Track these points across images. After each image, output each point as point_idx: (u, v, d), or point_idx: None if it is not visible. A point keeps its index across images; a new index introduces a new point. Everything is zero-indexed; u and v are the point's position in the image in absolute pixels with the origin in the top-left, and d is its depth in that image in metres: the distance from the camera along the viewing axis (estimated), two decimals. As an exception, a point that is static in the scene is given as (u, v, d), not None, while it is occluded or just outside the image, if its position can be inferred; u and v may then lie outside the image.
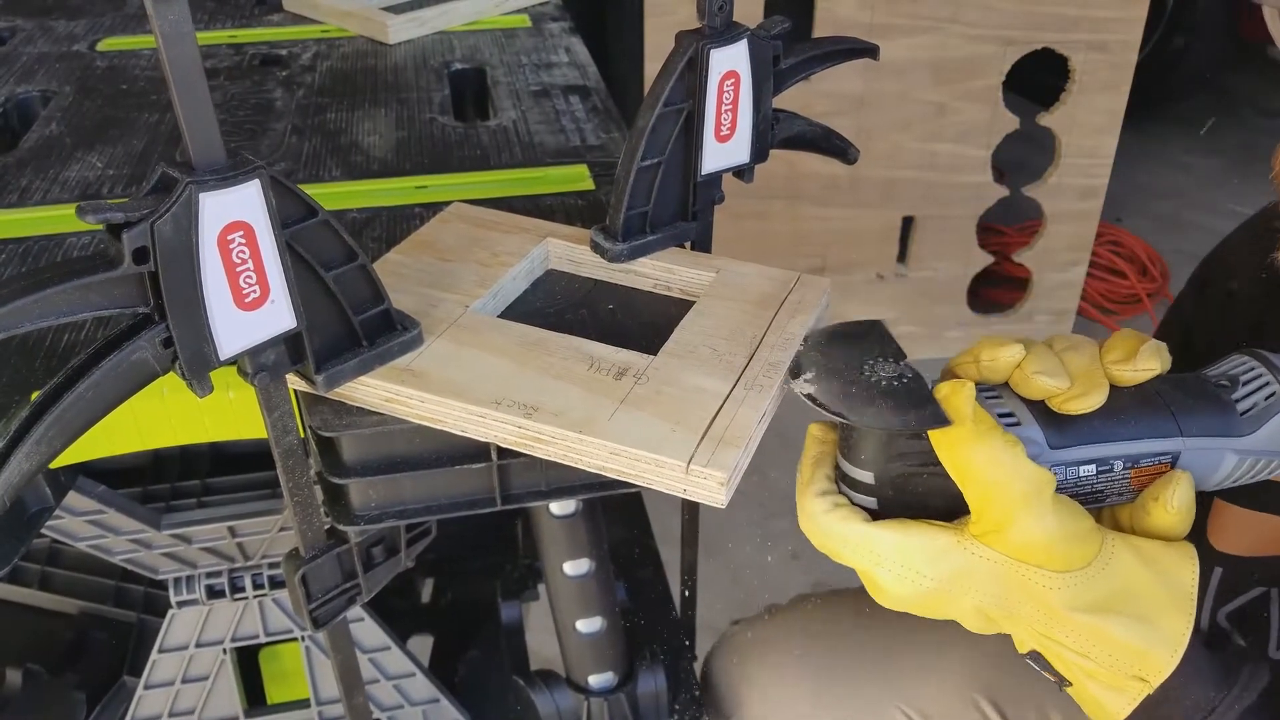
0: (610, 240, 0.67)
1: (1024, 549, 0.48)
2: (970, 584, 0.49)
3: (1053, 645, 0.50)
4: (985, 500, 0.48)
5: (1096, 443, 0.51)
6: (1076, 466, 0.51)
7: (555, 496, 0.64)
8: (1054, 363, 0.51)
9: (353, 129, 0.98)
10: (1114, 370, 0.51)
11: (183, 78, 0.42)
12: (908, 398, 0.49)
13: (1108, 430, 0.51)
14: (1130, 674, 0.49)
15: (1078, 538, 0.48)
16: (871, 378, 0.50)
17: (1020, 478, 0.47)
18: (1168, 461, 0.51)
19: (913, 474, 0.51)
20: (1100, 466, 0.51)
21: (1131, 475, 0.51)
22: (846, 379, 0.51)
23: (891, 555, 0.50)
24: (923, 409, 0.48)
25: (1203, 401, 0.52)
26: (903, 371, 0.50)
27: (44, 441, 0.44)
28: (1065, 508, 0.48)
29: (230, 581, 0.85)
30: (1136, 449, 0.51)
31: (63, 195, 0.85)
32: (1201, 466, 0.52)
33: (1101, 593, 0.48)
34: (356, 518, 0.61)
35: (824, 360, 0.53)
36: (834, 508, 0.52)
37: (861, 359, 0.51)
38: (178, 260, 0.45)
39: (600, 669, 0.92)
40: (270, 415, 0.54)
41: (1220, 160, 3.32)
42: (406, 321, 0.58)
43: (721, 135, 0.66)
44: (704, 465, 0.50)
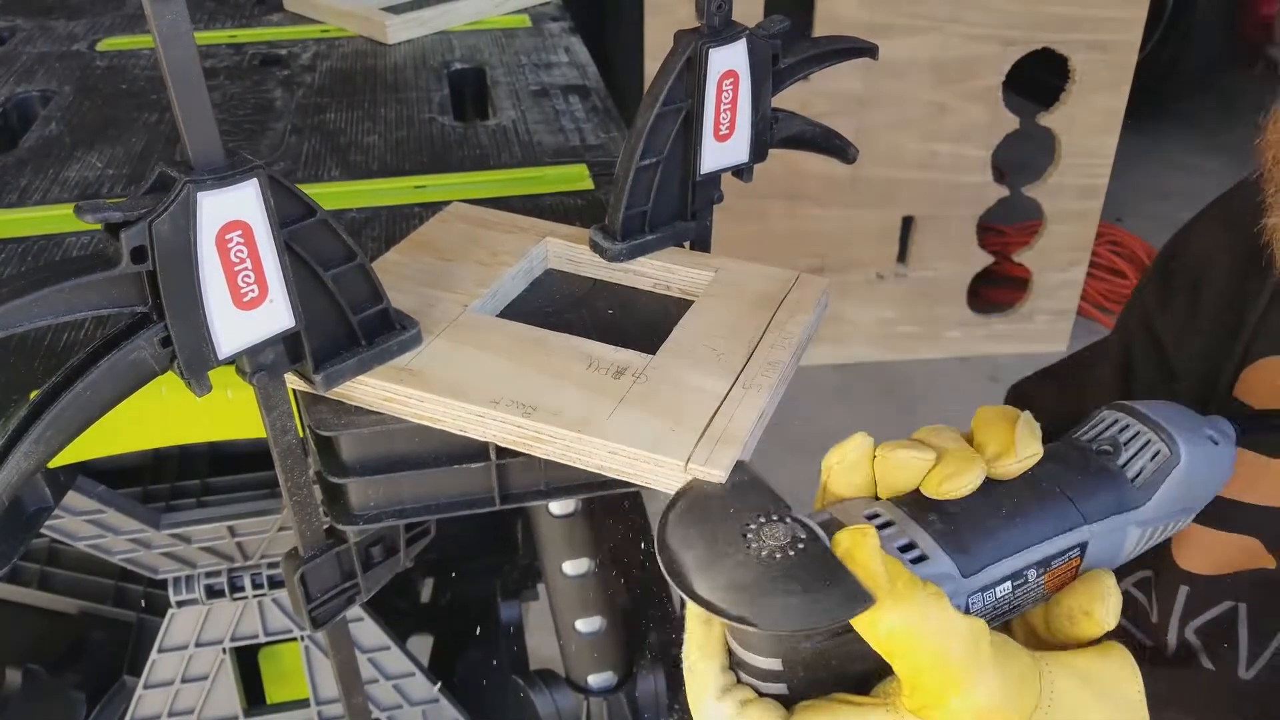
0: (609, 240, 0.67)
1: (972, 716, 0.42)
2: None
3: None
4: (920, 672, 0.41)
5: (1006, 556, 0.45)
6: (993, 589, 0.45)
7: (554, 496, 0.64)
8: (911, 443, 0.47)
9: (352, 129, 0.98)
10: (994, 468, 0.46)
11: (181, 78, 0.42)
12: (814, 573, 0.41)
13: (1013, 539, 0.45)
14: None
15: (1021, 683, 0.43)
16: (762, 551, 0.42)
17: (956, 638, 0.41)
18: (1077, 555, 0.47)
19: (825, 649, 0.43)
20: (1015, 581, 0.46)
21: (1045, 579, 0.47)
22: (734, 560, 0.42)
23: None
24: (840, 586, 0.40)
25: (1094, 479, 0.48)
26: (794, 533, 0.43)
27: (42, 441, 0.44)
28: (1001, 652, 0.43)
29: (230, 581, 0.85)
30: (1046, 551, 0.46)
31: (62, 195, 0.85)
32: (1108, 549, 0.48)
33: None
34: (355, 517, 0.61)
35: (699, 541, 0.43)
36: (741, 709, 0.44)
37: (741, 526, 0.43)
38: (176, 259, 0.45)
39: (600, 669, 0.92)
40: (269, 415, 0.54)
41: (1220, 160, 3.32)
42: (405, 321, 0.58)
43: (720, 134, 0.66)
44: (702, 464, 0.50)
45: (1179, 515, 0.50)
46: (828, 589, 0.40)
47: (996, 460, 0.46)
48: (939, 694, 0.41)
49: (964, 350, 2.47)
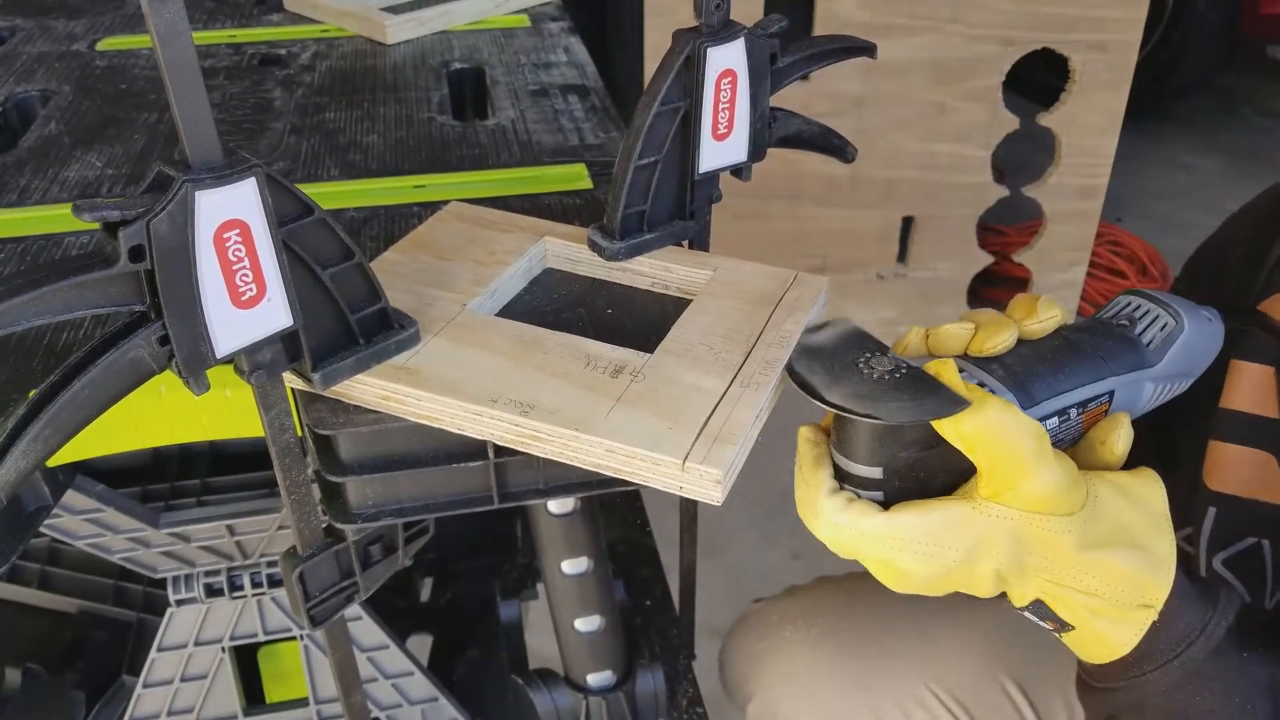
0: (608, 239, 0.67)
1: (1038, 500, 0.50)
2: (990, 548, 0.51)
3: (1060, 591, 0.53)
4: (997, 461, 0.50)
5: (1054, 396, 0.55)
6: (1044, 422, 0.54)
7: (552, 495, 0.64)
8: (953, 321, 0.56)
9: (351, 128, 0.98)
10: (1024, 328, 0.56)
11: (179, 77, 0.43)
12: (917, 387, 0.51)
13: (1059, 384, 0.55)
14: (1135, 603, 0.52)
15: (1075, 482, 0.51)
16: (874, 375, 0.52)
17: (1026, 433, 0.50)
18: (1106, 401, 0.57)
19: (917, 459, 0.52)
20: (1061, 418, 0.55)
21: (1083, 419, 0.56)
22: (853, 381, 0.52)
23: (915, 537, 0.51)
24: (939, 395, 0.50)
25: (1117, 343, 0.58)
26: (897, 363, 0.52)
27: (40, 439, 0.45)
28: (1061, 458, 0.52)
29: (229, 580, 0.85)
30: (1084, 394, 0.56)
31: (62, 195, 0.85)
32: (1129, 399, 0.58)
33: (1102, 530, 0.52)
34: (354, 516, 0.61)
35: (820, 369, 0.54)
36: (848, 505, 0.52)
37: (853, 359, 0.53)
38: (174, 258, 0.45)
39: (599, 668, 0.92)
40: (267, 414, 0.54)
41: (1220, 160, 3.32)
42: (403, 320, 0.58)
43: (719, 134, 0.66)
44: (700, 462, 0.50)
45: (1182, 378, 0.60)
46: (931, 395, 0.50)
47: (1025, 322, 0.56)
48: (1011, 480, 0.50)
49: (964, 350, 2.47)
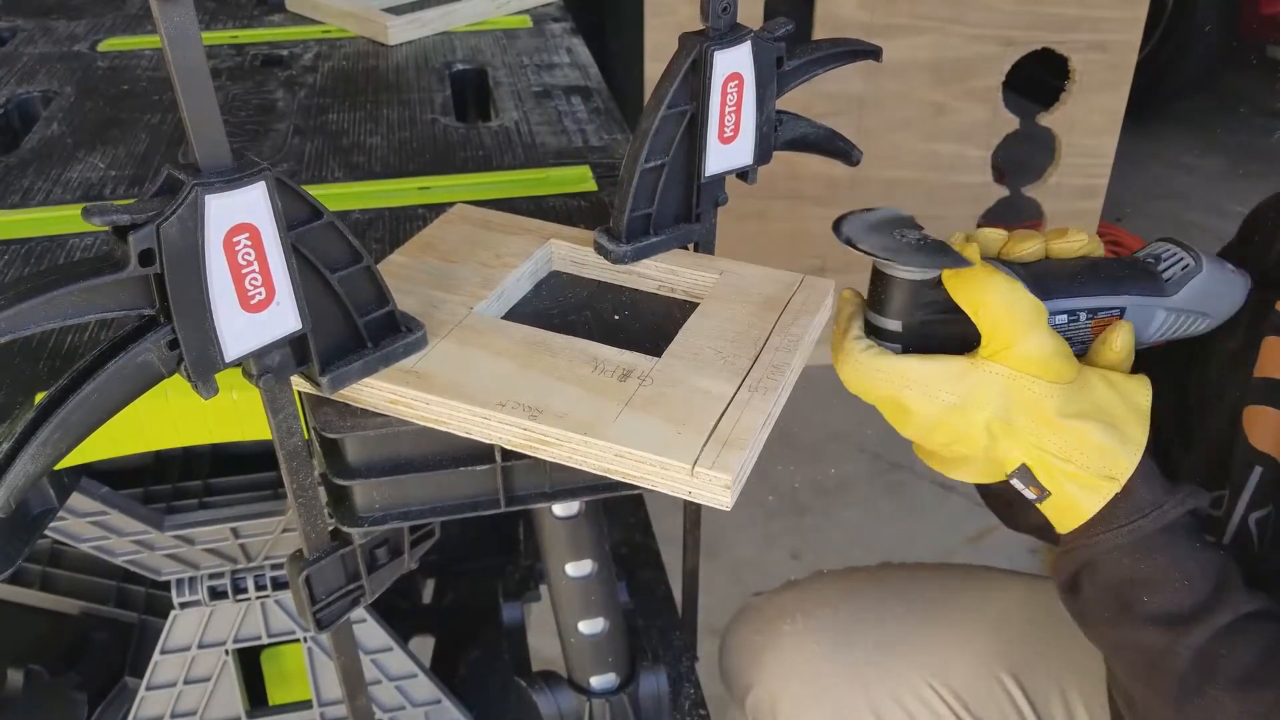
0: (614, 242, 0.67)
1: (1028, 361, 0.58)
2: (982, 399, 0.59)
3: (1041, 455, 0.60)
4: (996, 323, 0.58)
5: (1067, 297, 0.63)
6: (1053, 316, 0.62)
7: (559, 498, 0.64)
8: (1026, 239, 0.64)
9: (355, 130, 0.98)
10: (1052, 244, 0.64)
11: (188, 80, 0.42)
12: (935, 250, 0.59)
13: (1073, 289, 0.63)
14: (1103, 474, 0.59)
15: (1065, 356, 0.59)
16: (904, 240, 0.60)
17: (1023, 303, 0.58)
18: (1117, 314, 0.64)
19: (932, 320, 0.61)
20: (1070, 317, 0.63)
21: (1091, 325, 0.64)
22: (886, 239, 0.60)
23: (918, 378, 0.59)
24: (949, 256, 0.58)
25: (1137, 271, 0.65)
26: (925, 236, 0.60)
27: (49, 444, 0.44)
28: (1056, 333, 0.59)
29: (233, 582, 0.85)
30: (1095, 303, 0.64)
31: (65, 196, 0.85)
32: (1140, 320, 0.64)
33: (1083, 403, 0.59)
34: (360, 519, 0.61)
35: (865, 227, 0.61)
36: (869, 347, 0.61)
37: (892, 229, 0.61)
38: (183, 262, 0.45)
39: (602, 670, 0.92)
40: (275, 417, 0.54)
41: (1220, 160, 3.32)
42: (411, 323, 0.58)
43: (725, 137, 0.66)
44: (709, 467, 0.50)
45: (1198, 316, 0.66)
46: (943, 254, 0.59)
47: (1053, 240, 0.64)
48: (1008, 340, 0.58)
49: (964, 350, 2.47)
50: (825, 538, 1.94)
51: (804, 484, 2.05)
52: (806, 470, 2.06)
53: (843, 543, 1.92)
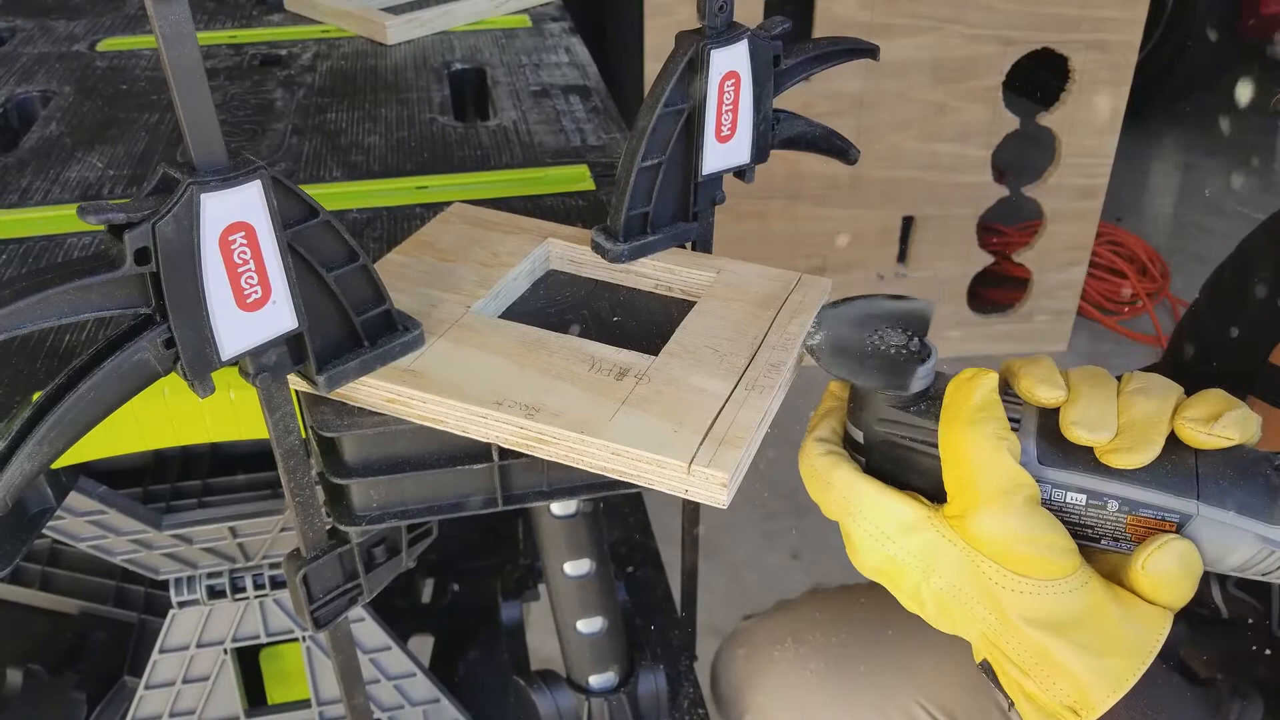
0: (611, 241, 0.67)
1: (984, 541, 0.48)
2: (933, 565, 0.49)
3: (1000, 657, 0.49)
4: (959, 482, 0.48)
5: (1093, 474, 0.48)
6: (1064, 491, 0.49)
7: (556, 497, 0.64)
8: (1096, 412, 0.48)
9: (353, 129, 0.98)
10: (1186, 427, 0.47)
11: (184, 79, 0.42)
12: (895, 366, 0.50)
13: (1110, 470, 0.48)
14: (1066, 704, 0.47)
15: (1046, 548, 0.47)
16: (879, 344, 0.52)
17: (997, 470, 0.47)
18: (1173, 520, 0.47)
19: (902, 445, 0.52)
20: (1093, 500, 0.48)
21: (1128, 521, 0.48)
22: (852, 338, 0.53)
23: (866, 510, 0.51)
24: (895, 373, 0.50)
25: (1242, 475, 0.47)
26: (910, 344, 0.51)
27: (46, 442, 0.44)
28: (1041, 517, 0.47)
29: (231, 582, 0.85)
30: (1137, 495, 0.48)
31: (63, 196, 0.85)
32: (1214, 542, 0.47)
33: (1058, 612, 0.47)
34: (358, 518, 0.61)
35: (841, 315, 0.55)
36: (828, 453, 0.54)
37: (879, 325, 0.53)
38: (179, 261, 0.45)
39: (601, 669, 0.92)
40: (272, 416, 0.54)
41: (1220, 160, 3.32)
42: (408, 322, 0.58)
43: (722, 136, 0.66)
44: (706, 466, 0.50)
45: None
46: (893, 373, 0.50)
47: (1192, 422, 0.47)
48: (966, 507, 0.48)
49: (964, 350, 2.47)
50: (825, 538, 1.93)
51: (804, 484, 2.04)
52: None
53: (842, 543, 1.92)
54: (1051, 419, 0.49)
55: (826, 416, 0.56)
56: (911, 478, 0.52)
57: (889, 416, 0.52)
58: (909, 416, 0.51)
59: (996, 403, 0.49)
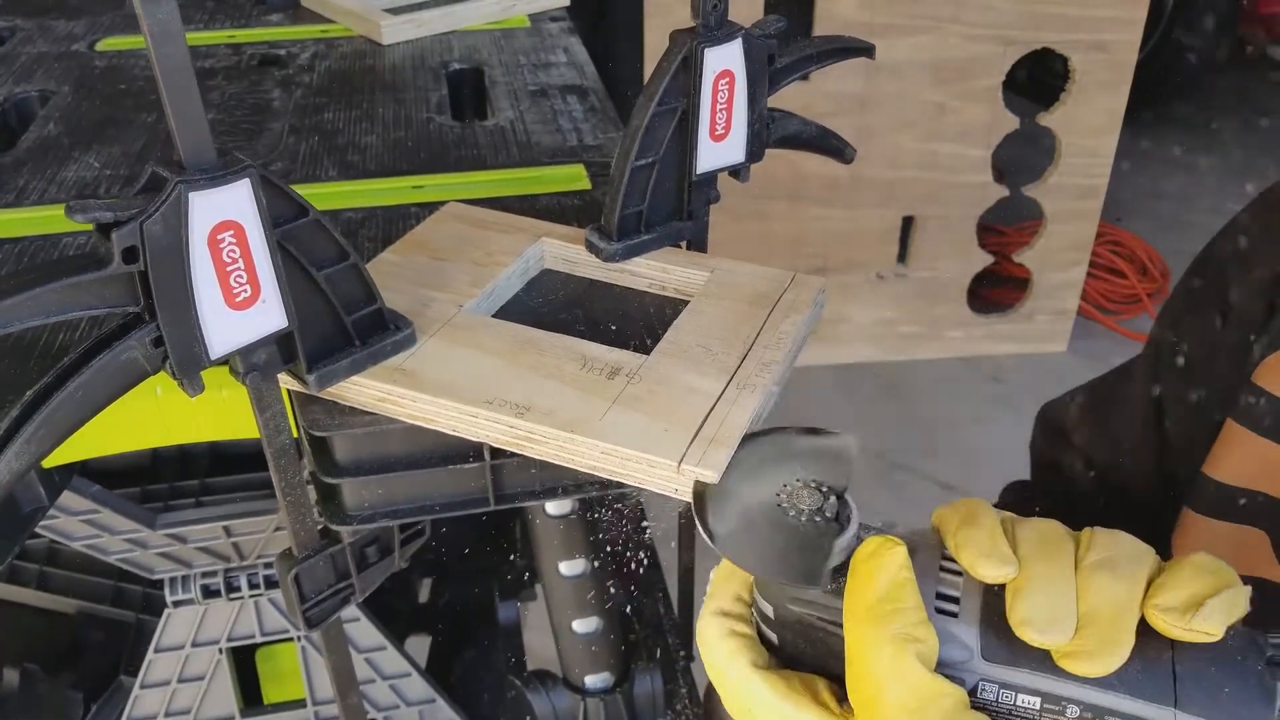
0: (605, 240, 0.67)
1: None
2: None
3: None
4: (857, 696, 0.40)
5: (1048, 674, 0.39)
6: (1015, 692, 0.40)
7: (548, 496, 0.64)
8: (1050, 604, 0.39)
9: (350, 129, 0.98)
10: (1160, 619, 0.38)
11: (172, 77, 0.42)
12: (802, 544, 0.42)
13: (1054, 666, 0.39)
14: None
15: None
16: (788, 509, 0.44)
17: (900, 686, 0.38)
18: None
19: (816, 627, 0.43)
20: (1049, 703, 0.40)
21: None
22: (756, 507, 0.45)
23: (761, 713, 0.43)
24: (803, 561, 0.41)
25: (1227, 675, 0.38)
26: (825, 508, 0.44)
27: (34, 441, 0.44)
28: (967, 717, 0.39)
29: (226, 581, 0.85)
30: (1103, 701, 0.39)
31: (60, 195, 0.85)
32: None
33: None
34: (349, 518, 0.61)
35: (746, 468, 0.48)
36: (728, 635, 0.45)
37: (790, 479, 0.46)
38: (167, 260, 0.45)
39: (596, 669, 0.92)
40: (262, 415, 0.54)
41: (1220, 160, 3.32)
42: (399, 321, 0.58)
43: (716, 134, 0.66)
44: (695, 465, 0.50)
45: None
46: (797, 556, 0.42)
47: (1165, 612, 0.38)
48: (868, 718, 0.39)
49: (964, 350, 2.47)
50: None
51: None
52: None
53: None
54: (998, 600, 0.40)
55: (729, 579, 0.46)
56: (830, 663, 0.42)
57: (801, 595, 0.43)
58: (824, 596, 0.42)
59: (904, 586, 0.40)
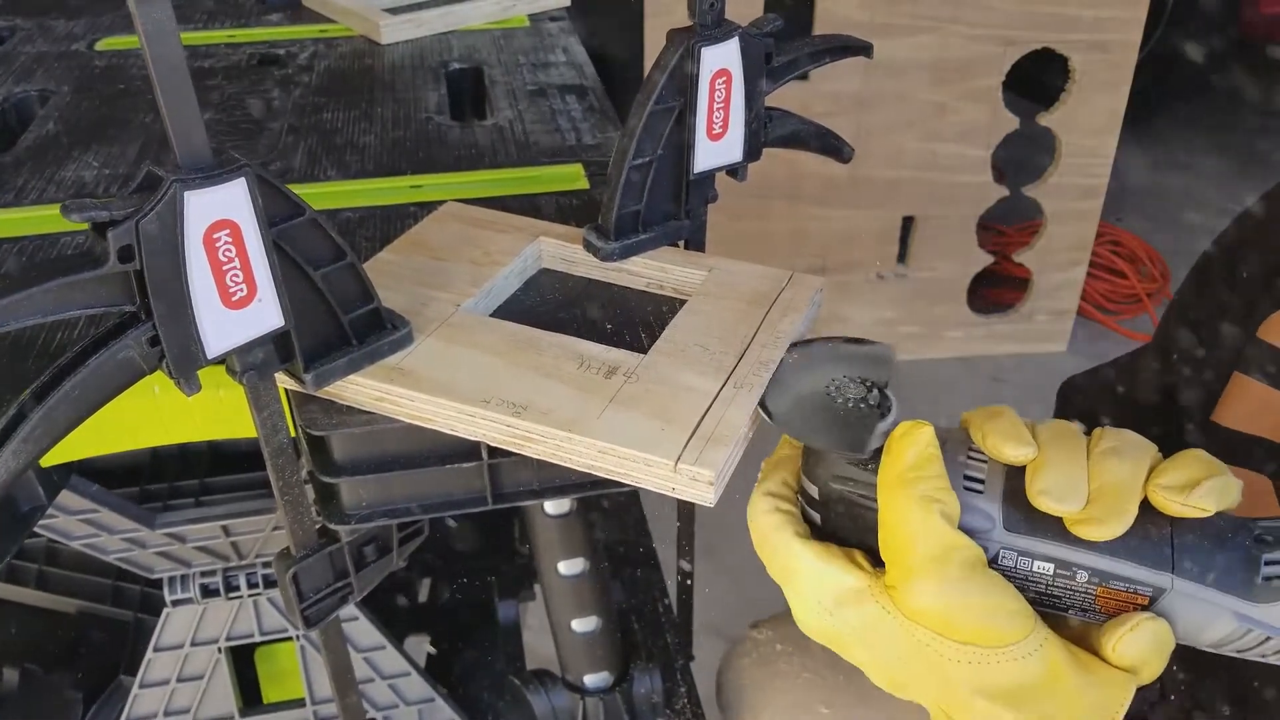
0: (603, 239, 0.67)
1: (921, 613, 0.45)
2: (874, 637, 0.46)
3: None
4: (891, 550, 0.45)
5: (1061, 543, 0.45)
6: (1032, 559, 0.46)
7: (546, 495, 0.64)
8: (1065, 479, 0.45)
9: (349, 128, 0.98)
10: (1161, 495, 0.44)
11: (167, 77, 0.42)
12: (849, 422, 0.48)
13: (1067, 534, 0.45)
14: None
15: (988, 614, 0.44)
16: (836, 398, 0.50)
17: (928, 536, 0.44)
18: (1146, 594, 0.45)
19: (855, 502, 0.48)
20: (1061, 569, 0.46)
21: (1098, 593, 0.46)
22: (808, 392, 0.51)
23: (805, 578, 0.48)
24: (849, 433, 0.46)
25: (1218, 546, 0.45)
26: (868, 398, 0.49)
27: (30, 440, 0.44)
28: (982, 581, 0.44)
29: (225, 580, 0.85)
30: (1109, 566, 0.45)
31: (59, 195, 0.85)
32: (1189, 618, 0.45)
33: (1010, 681, 0.44)
34: (347, 517, 0.61)
35: (799, 364, 0.53)
36: (773, 511, 0.50)
37: (838, 375, 0.51)
38: (163, 259, 0.45)
39: (595, 668, 0.92)
40: (259, 414, 0.54)
41: (1220, 160, 3.32)
42: (396, 320, 0.58)
43: (714, 134, 0.66)
44: (692, 464, 0.50)
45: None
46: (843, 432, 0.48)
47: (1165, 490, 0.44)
48: (900, 578, 0.45)
49: (964, 350, 2.47)
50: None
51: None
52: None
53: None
54: (1018, 480, 0.46)
55: (779, 468, 0.52)
56: (867, 537, 0.48)
57: (844, 474, 0.48)
58: (864, 474, 0.48)
59: (931, 460, 0.46)
